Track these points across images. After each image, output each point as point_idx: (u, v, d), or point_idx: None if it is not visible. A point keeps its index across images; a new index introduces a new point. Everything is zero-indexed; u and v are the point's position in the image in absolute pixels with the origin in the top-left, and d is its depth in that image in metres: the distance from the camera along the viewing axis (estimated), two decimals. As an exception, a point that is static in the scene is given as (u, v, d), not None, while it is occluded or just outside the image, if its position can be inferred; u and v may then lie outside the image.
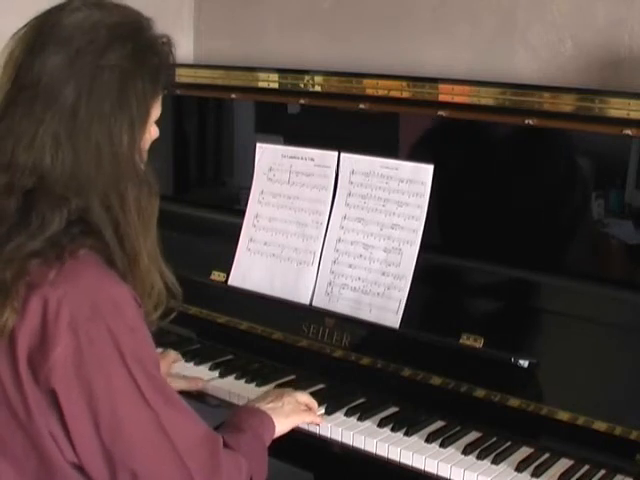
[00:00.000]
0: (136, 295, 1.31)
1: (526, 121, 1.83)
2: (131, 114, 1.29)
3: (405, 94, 2.00)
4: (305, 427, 1.76)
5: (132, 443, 1.28)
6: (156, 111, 1.38)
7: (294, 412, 1.69)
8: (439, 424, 1.79)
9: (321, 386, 1.93)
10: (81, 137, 1.25)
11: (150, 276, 1.34)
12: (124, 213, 1.28)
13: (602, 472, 1.64)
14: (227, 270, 2.16)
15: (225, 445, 1.43)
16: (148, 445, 1.30)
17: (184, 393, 1.77)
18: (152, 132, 1.40)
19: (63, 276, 1.23)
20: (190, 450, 1.34)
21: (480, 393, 1.78)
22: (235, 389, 1.93)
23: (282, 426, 1.64)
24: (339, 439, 1.76)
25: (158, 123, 1.46)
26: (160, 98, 1.37)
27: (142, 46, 1.31)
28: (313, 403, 1.77)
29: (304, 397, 1.76)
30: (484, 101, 1.89)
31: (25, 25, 1.31)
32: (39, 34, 1.28)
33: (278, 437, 1.62)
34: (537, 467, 1.64)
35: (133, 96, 1.29)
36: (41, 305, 1.23)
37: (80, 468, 1.30)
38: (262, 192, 2.16)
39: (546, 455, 1.69)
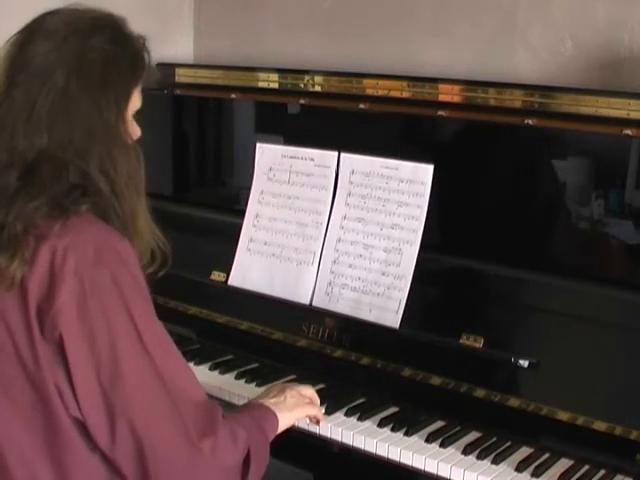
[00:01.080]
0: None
1: (526, 121, 1.83)
2: (115, 90, 1.40)
3: (405, 94, 2.01)
4: (305, 427, 1.76)
5: (130, 388, 1.32)
6: (135, 100, 1.46)
7: (297, 405, 1.69)
8: (439, 424, 1.79)
9: (321, 386, 1.93)
10: (73, 110, 1.35)
11: (145, 236, 1.43)
12: (117, 176, 1.38)
13: (602, 472, 1.64)
14: (227, 270, 2.16)
15: (223, 417, 1.45)
16: (144, 391, 1.34)
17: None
18: (135, 130, 1.49)
19: (69, 227, 1.31)
20: (187, 405, 1.37)
21: (480, 393, 1.78)
22: (235, 389, 1.93)
23: (286, 419, 1.64)
24: (339, 439, 1.76)
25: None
26: (139, 90, 1.46)
27: (120, 35, 1.43)
28: (316, 398, 1.77)
29: (308, 391, 1.76)
30: (484, 101, 1.89)
31: (16, 32, 1.42)
32: (28, 32, 1.40)
33: (278, 437, 1.62)
34: (537, 467, 1.64)
35: (116, 75, 1.40)
36: (49, 254, 1.30)
37: (82, 431, 1.33)
38: (262, 192, 2.16)
39: (546, 455, 1.69)
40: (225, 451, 1.41)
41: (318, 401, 1.77)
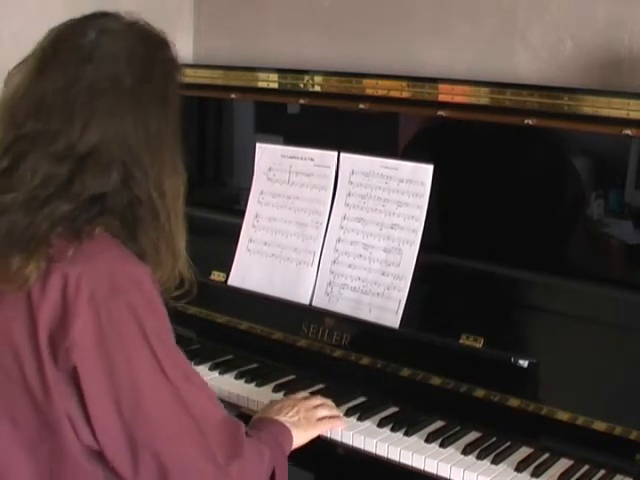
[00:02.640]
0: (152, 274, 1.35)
1: (526, 121, 1.83)
2: (173, 106, 1.40)
3: (405, 94, 2.00)
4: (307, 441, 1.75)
5: (153, 420, 1.29)
6: None
7: (312, 426, 1.69)
8: (439, 424, 1.79)
9: (321, 386, 1.93)
10: (136, 113, 1.33)
11: (182, 258, 1.41)
12: (166, 186, 1.35)
13: (602, 472, 1.64)
14: (227, 270, 2.16)
15: (246, 434, 1.44)
16: (169, 422, 1.31)
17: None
18: None
19: (82, 253, 1.27)
20: (211, 430, 1.35)
21: (480, 393, 1.78)
22: (235, 389, 1.93)
23: (299, 439, 1.63)
24: (339, 439, 1.76)
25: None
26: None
27: (176, 58, 1.44)
28: (333, 412, 1.76)
29: (324, 412, 1.74)
30: (484, 101, 1.89)
31: (68, 20, 1.39)
32: (87, 25, 1.36)
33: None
34: (537, 467, 1.64)
35: (173, 93, 1.40)
36: (61, 282, 1.25)
37: (92, 456, 1.30)
38: (262, 192, 2.16)
39: (546, 455, 1.69)
40: (252, 471, 1.40)
41: (337, 413, 1.77)
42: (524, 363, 1.73)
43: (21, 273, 1.25)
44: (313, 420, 1.70)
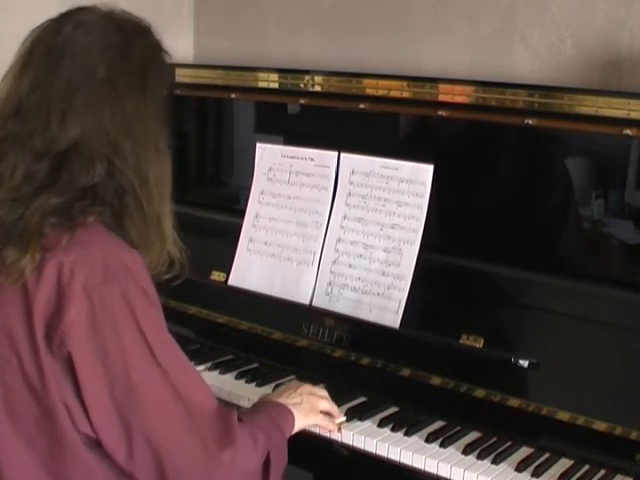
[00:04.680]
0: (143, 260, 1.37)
1: (526, 121, 1.83)
2: (154, 93, 1.40)
3: (405, 94, 2.00)
4: (305, 427, 1.75)
5: (145, 404, 1.31)
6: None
7: (313, 411, 1.68)
8: (439, 424, 1.79)
9: (321, 386, 1.93)
10: (114, 105, 1.34)
11: (169, 240, 1.42)
12: (149, 175, 1.36)
13: (602, 472, 1.64)
14: (227, 270, 2.16)
15: (239, 420, 1.44)
16: (160, 406, 1.32)
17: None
18: None
19: (75, 242, 1.29)
20: (203, 417, 1.36)
21: (480, 393, 1.78)
22: (235, 389, 1.93)
23: (300, 422, 1.63)
24: (339, 439, 1.76)
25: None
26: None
27: (158, 40, 1.44)
28: (334, 409, 1.75)
29: (325, 405, 1.73)
30: (484, 101, 1.89)
31: (48, 20, 1.41)
32: (63, 22, 1.38)
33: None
34: (537, 467, 1.64)
35: (155, 80, 1.40)
36: (56, 270, 1.28)
37: (90, 444, 1.32)
38: (262, 192, 2.16)
39: (546, 455, 1.69)
40: (245, 458, 1.40)
41: (336, 411, 1.76)
42: (524, 363, 1.73)
43: (16, 265, 1.27)
44: (315, 407, 1.69)
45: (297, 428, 1.61)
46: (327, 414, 1.73)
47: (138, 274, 1.33)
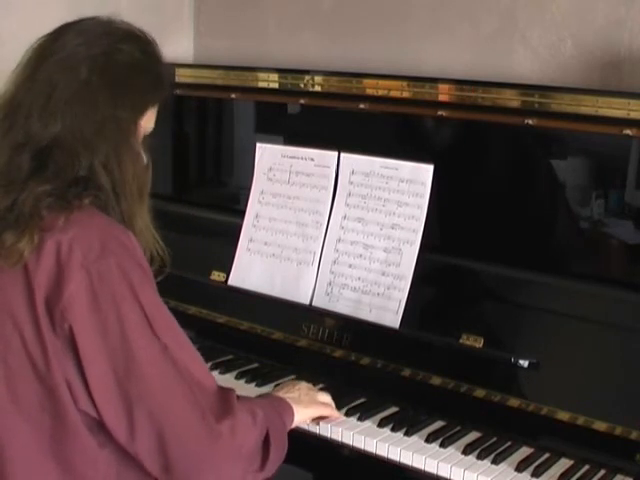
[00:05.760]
0: None
1: (526, 121, 1.83)
2: (133, 95, 1.43)
3: (405, 94, 2.00)
4: (305, 427, 1.76)
5: (145, 378, 1.32)
6: (150, 118, 1.49)
7: (311, 403, 1.70)
8: (439, 424, 1.79)
9: (321, 386, 1.93)
10: (90, 103, 1.38)
11: (142, 239, 1.44)
12: (121, 175, 1.40)
13: (602, 472, 1.64)
14: (227, 270, 2.16)
15: (238, 399, 1.45)
16: (160, 380, 1.33)
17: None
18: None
19: (73, 221, 1.34)
20: (202, 390, 1.37)
21: (480, 393, 1.78)
22: (235, 389, 1.93)
23: (300, 415, 1.64)
24: (339, 439, 1.76)
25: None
26: (154, 111, 1.49)
27: (151, 50, 1.48)
28: (332, 403, 1.78)
29: (324, 397, 1.76)
30: (484, 101, 1.89)
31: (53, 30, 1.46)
32: (62, 29, 1.44)
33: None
34: (537, 467, 1.64)
35: (138, 83, 1.43)
36: (54, 248, 1.32)
37: (92, 428, 1.33)
38: (262, 192, 2.16)
39: (546, 455, 1.69)
40: (244, 431, 1.41)
41: (333, 407, 1.78)
42: (524, 363, 1.73)
43: (15, 248, 1.31)
44: (314, 400, 1.72)
45: (298, 419, 1.63)
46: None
47: (134, 250, 1.37)
